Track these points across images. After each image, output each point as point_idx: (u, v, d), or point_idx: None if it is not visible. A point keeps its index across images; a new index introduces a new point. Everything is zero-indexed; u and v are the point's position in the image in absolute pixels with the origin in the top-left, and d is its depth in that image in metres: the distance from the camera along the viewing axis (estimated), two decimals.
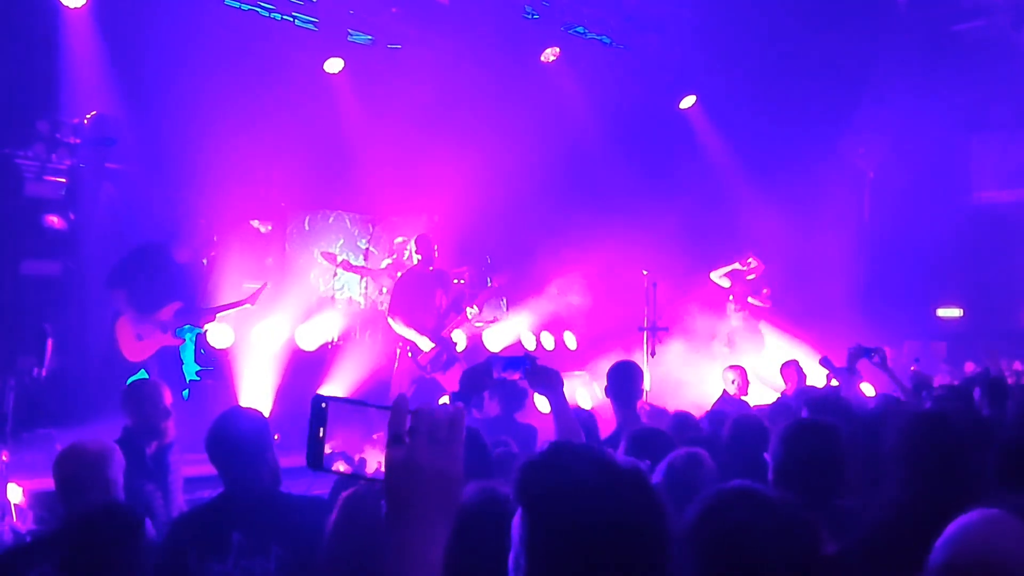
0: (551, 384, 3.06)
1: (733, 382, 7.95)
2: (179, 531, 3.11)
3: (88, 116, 7.85)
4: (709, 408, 6.60)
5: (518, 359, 3.11)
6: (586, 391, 9.41)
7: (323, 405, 1.22)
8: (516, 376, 3.06)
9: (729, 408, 6.90)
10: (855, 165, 12.13)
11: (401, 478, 1.11)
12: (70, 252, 7.42)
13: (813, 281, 10.91)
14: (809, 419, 3.49)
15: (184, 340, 7.00)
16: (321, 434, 1.21)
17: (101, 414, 6.42)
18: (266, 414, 3.72)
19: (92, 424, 5.78)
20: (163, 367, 6.71)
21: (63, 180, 7.75)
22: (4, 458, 4.95)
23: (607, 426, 5.16)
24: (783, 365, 8.11)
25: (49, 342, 6.43)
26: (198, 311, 6.89)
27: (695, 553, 1.76)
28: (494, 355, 3.09)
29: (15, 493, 5.18)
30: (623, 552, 1.38)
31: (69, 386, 6.79)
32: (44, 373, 5.35)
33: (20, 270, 7.18)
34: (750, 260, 9.94)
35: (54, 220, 7.37)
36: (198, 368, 8.10)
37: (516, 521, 1.45)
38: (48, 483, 5.04)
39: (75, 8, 7.54)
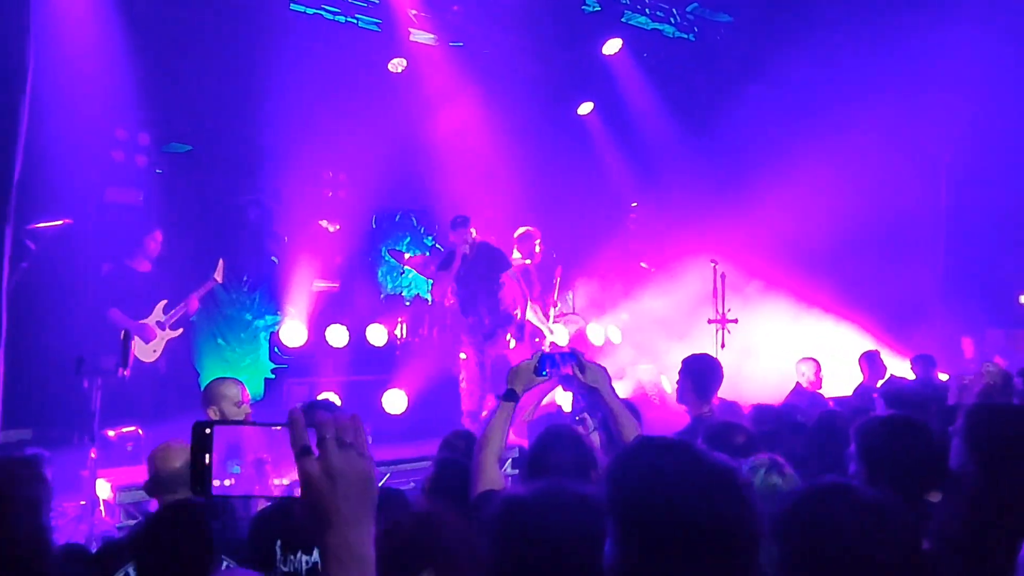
0: (600, 380, 3.04)
1: (804, 375, 7.79)
2: (266, 521, 3.18)
3: (163, 123, 8.09)
4: (781, 401, 6.48)
5: (565, 355, 3.09)
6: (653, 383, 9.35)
7: (207, 431, 1.19)
8: (567, 371, 3.05)
9: (801, 401, 6.77)
10: (930, 149, 11.73)
11: (324, 487, 1.13)
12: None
13: (891, 270, 10.60)
14: (896, 414, 3.39)
15: (180, 331, 7.44)
16: (207, 460, 1.18)
17: (182, 411, 6.65)
18: None
19: (173, 421, 5.98)
20: (172, 360, 7.30)
21: (142, 185, 8.00)
22: (92, 455, 5.13)
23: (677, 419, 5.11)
24: (861, 356, 7.92)
25: (133, 342, 6.67)
26: (182, 300, 7.36)
27: (785, 548, 1.73)
28: (542, 353, 3.06)
29: (103, 489, 5.37)
30: (710, 549, 1.39)
31: (150, 384, 7.03)
32: (128, 373, 5.54)
33: (102, 273, 7.43)
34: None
35: (135, 225, 7.61)
36: (272, 366, 8.29)
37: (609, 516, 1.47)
38: (134, 478, 5.26)
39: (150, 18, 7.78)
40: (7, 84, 5.20)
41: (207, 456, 1.18)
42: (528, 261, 8.06)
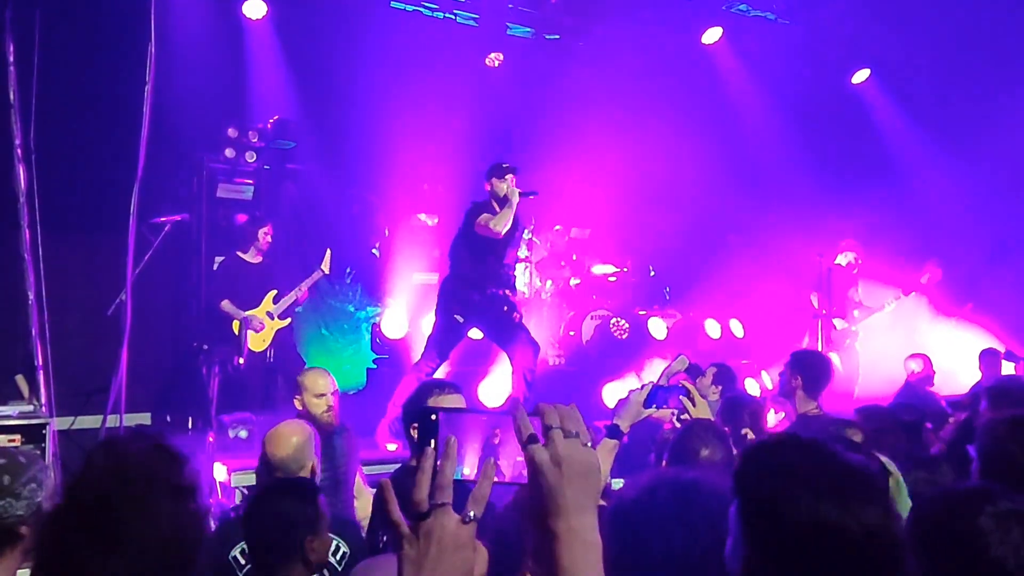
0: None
1: (913, 372, 7.52)
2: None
3: (270, 121, 8.38)
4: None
5: (676, 389, 3.07)
6: (754, 381, 9.15)
7: (433, 417, 1.23)
8: (677, 406, 3.06)
9: (911, 399, 6.53)
10: None
11: (552, 474, 1.15)
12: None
13: (1008, 269, 10.06)
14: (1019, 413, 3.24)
15: (289, 320, 7.55)
16: (432, 445, 1.21)
17: (291, 398, 6.88)
18: None
19: (283, 407, 6.21)
20: (280, 349, 7.40)
21: (250, 181, 8.31)
22: (210, 439, 5.37)
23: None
24: (981, 353, 7.59)
25: (247, 333, 6.95)
26: (289, 291, 7.47)
27: (925, 560, 1.66)
28: (654, 386, 3.03)
29: (220, 471, 5.63)
30: (849, 555, 1.33)
31: (261, 372, 7.32)
32: (243, 362, 5.79)
33: (215, 265, 7.77)
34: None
35: (244, 219, 7.91)
36: (374, 356, 8.49)
37: (733, 510, 1.46)
38: (249, 462, 5.49)
39: (256, 20, 8.08)
40: (132, 87, 5.50)
41: (432, 441, 1.22)
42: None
